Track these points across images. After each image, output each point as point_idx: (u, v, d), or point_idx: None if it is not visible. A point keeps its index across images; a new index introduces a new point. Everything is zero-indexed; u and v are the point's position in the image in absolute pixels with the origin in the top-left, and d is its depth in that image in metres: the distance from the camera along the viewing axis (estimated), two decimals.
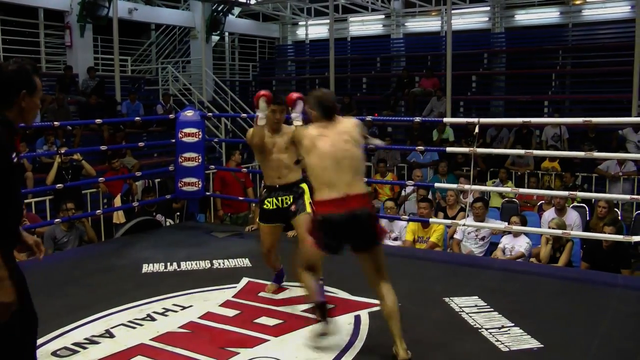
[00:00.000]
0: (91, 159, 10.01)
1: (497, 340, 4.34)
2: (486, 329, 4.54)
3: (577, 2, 16.86)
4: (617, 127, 11.98)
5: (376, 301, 5.09)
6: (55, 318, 4.80)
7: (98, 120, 8.35)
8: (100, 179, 8.34)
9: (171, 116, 8.66)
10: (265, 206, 5.20)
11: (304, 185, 5.14)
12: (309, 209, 5.05)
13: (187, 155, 7.95)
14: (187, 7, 18.66)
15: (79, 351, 4.29)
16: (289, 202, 5.15)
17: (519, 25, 18.10)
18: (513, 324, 4.62)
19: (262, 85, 20.11)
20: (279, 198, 5.16)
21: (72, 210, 7.79)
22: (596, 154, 7.66)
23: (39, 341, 4.36)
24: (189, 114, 8.10)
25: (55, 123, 7.99)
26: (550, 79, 16.20)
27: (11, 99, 2.83)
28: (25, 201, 8.20)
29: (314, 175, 4.17)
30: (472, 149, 6.88)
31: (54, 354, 4.25)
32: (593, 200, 9.00)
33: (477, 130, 6.72)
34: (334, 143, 4.10)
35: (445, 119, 11.33)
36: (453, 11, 15.29)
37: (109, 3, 14.49)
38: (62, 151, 8.72)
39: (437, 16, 19.10)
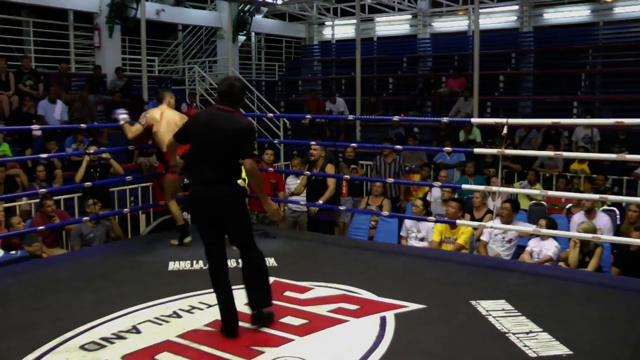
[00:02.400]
0: (119, 158, 10.09)
1: (525, 346, 4.27)
2: (513, 334, 4.47)
3: (608, 0, 16.60)
4: None
5: (402, 302, 5.10)
6: (83, 312, 4.88)
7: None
8: (128, 177, 8.38)
9: None
10: None
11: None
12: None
13: None
14: (213, 7, 18.75)
15: (106, 346, 4.33)
16: None
17: (547, 24, 17.91)
18: (541, 329, 4.54)
19: (288, 85, 20.18)
20: None
21: (98, 204, 7.88)
22: (628, 157, 7.50)
23: (68, 335, 4.44)
24: None
25: (82, 125, 8.10)
26: (580, 79, 15.97)
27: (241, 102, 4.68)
28: (55, 198, 8.31)
29: None
30: (500, 150, 6.80)
31: (82, 347, 4.30)
32: (624, 203, 8.85)
33: (505, 131, 6.65)
34: None
35: (473, 120, 11.24)
36: (481, 10, 15.18)
37: (137, 4, 14.61)
38: (91, 150, 8.80)
39: (465, 15, 18.99)
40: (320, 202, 8.06)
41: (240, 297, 5.15)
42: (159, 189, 8.87)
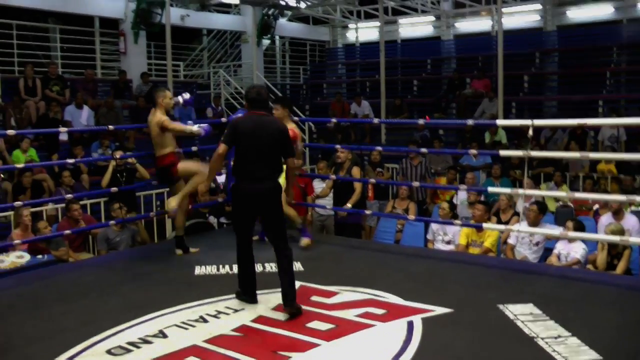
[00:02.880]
0: (145, 162, 10.15)
1: (554, 351, 4.20)
2: (542, 338, 4.42)
3: None
4: None
5: (430, 306, 5.07)
6: (110, 317, 4.91)
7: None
8: (154, 182, 8.44)
9: (223, 119, 8.70)
10: None
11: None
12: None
13: None
14: (238, 11, 18.85)
15: (132, 350, 4.35)
16: None
17: (571, 23, 17.76)
18: (570, 334, 4.47)
19: (312, 88, 20.19)
20: None
21: (124, 209, 7.95)
22: None
23: (95, 339, 4.48)
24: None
25: (110, 127, 8.15)
26: (605, 78, 15.83)
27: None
28: (81, 202, 8.41)
29: None
30: (526, 151, 6.74)
31: (109, 352, 4.33)
32: None
33: (530, 132, 6.59)
34: None
35: (498, 121, 11.14)
36: (503, 10, 15.08)
37: (162, 10, 14.75)
38: (118, 156, 8.88)
39: (488, 16, 18.88)
40: (349, 205, 8.08)
41: (266, 302, 5.18)
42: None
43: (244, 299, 5.25)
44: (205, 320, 4.89)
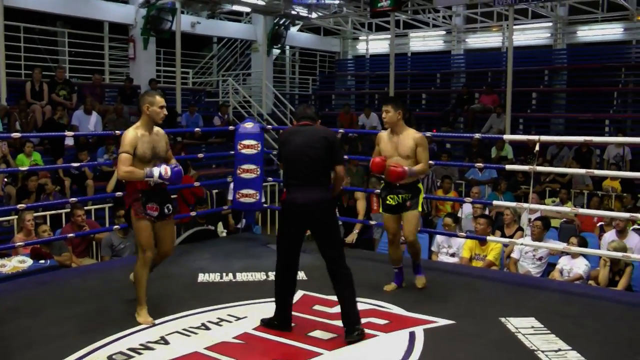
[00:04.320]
0: None
1: None
2: (542, 352, 4.44)
3: None
4: None
5: (432, 317, 5.08)
6: (112, 323, 4.91)
7: None
8: None
9: (231, 128, 8.73)
10: (388, 202, 5.82)
11: (421, 186, 5.89)
12: (420, 208, 5.82)
13: (245, 167, 8.00)
14: (249, 20, 18.92)
15: (133, 356, 4.36)
16: (407, 198, 5.74)
17: (581, 42, 17.84)
18: (570, 348, 4.50)
19: (321, 99, 20.24)
20: (400, 195, 5.73)
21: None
22: None
23: (96, 345, 4.48)
24: (248, 126, 8.16)
25: (117, 132, 8.16)
26: (612, 97, 15.90)
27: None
28: (85, 208, 8.41)
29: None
30: (532, 167, 6.76)
31: (110, 358, 4.33)
32: None
33: (537, 148, 6.61)
34: None
35: (505, 136, 11.19)
36: (514, 27, 15.14)
37: (172, 17, 14.81)
38: None
39: (499, 32, 18.95)
40: (356, 231, 8.10)
41: (269, 310, 5.18)
42: (182, 201, 8.91)
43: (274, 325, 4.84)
44: (207, 328, 4.89)
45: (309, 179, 4.77)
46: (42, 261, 6.78)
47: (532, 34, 18.32)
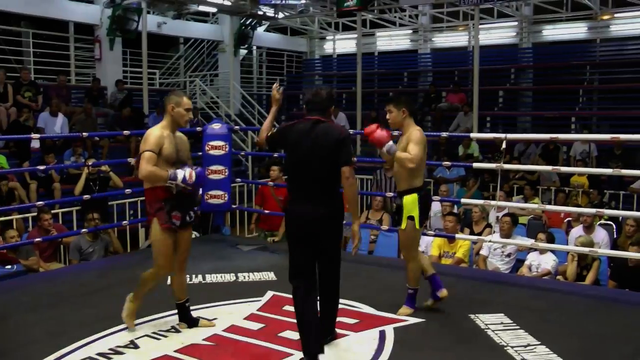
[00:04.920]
0: (118, 171, 10.10)
1: (523, 359, 4.29)
2: (512, 347, 4.49)
3: (605, 18, 16.74)
4: None
5: (402, 316, 5.10)
6: (81, 328, 4.86)
7: (126, 132, 8.40)
8: (127, 190, 8.39)
9: (198, 129, 8.69)
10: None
11: (411, 198, 5.11)
12: (404, 225, 5.14)
13: (213, 168, 7.98)
14: (215, 20, 18.82)
15: None
16: (396, 210, 5.35)
17: (546, 41, 18.03)
18: (539, 343, 4.56)
19: (289, 99, 20.20)
20: (396, 203, 5.35)
21: (97, 220, 7.86)
22: (624, 171, 7.56)
23: (64, 350, 4.43)
24: (216, 127, 8.14)
25: (84, 134, 8.07)
26: (578, 95, 16.13)
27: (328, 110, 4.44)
28: (53, 212, 8.30)
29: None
30: (499, 164, 6.83)
31: None
32: (620, 218, 8.90)
33: (504, 145, 6.68)
34: None
35: (472, 134, 11.28)
36: (480, 26, 15.26)
37: (138, 17, 14.67)
38: (90, 163, 8.81)
39: (465, 31, 19.08)
40: None
41: (239, 311, 5.15)
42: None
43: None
44: (177, 330, 4.87)
45: (316, 191, 4.30)
46: (9, 266, 6.69)
47: (498, 33, 18.47)
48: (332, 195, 4.36)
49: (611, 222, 9.12)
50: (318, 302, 4.39)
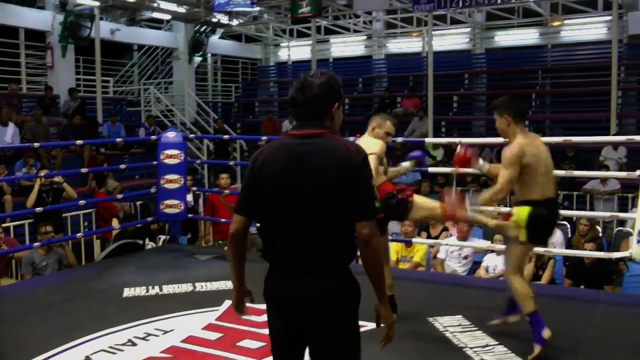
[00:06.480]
0: (71, 182, 9.91)
1: (482, 359, 4.33)
2: (470, 348, 4.54)
3: (556, 24, 17.12)
4: (596, 145, 12.12)
5: (360, 322, 5.08)
6: (34, 345, 4.72)
7: (79, 142, 8.27)
8: (81, 202, 8.25)
9: (153, 138, 8.60)
10: None
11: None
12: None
13: (169, 177, 7.90)
14: (169, 27, 18.68)
15: None
16: None
17: (499, 46, 18.34)
18: (497, 342, 4.63)
19: (244, 106, 20.15)
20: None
21: (51, 233, 7.69)
22: (576, 173, 7.71)
23: None
24: (170, 135, 8.06)
25: (35, 144, 7.91)
26: (530, 99, 16.39)
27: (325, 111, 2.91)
28: (4, 225, 8.09)
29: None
30: (454, 168, 6.89)
31: None
32: (574, 218, 9.05)
33: (459, 149, 6.74)
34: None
35: (427, 139, 11.38)
36: (434, 32, 15.44)
37: (91, 23, 14.45)
38: (42, 174, 8.63)
39: (419, 37, 19.27)
40: None
41: (196, 322, 5.09)
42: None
43: None
44: (133, 344, 4.78)
45: (307, 251, 2.74)
46: None
47: (451, 39, 18.71)
48: (340, 258, 2.82)
49: (565, 222, 9.25)
50: None
